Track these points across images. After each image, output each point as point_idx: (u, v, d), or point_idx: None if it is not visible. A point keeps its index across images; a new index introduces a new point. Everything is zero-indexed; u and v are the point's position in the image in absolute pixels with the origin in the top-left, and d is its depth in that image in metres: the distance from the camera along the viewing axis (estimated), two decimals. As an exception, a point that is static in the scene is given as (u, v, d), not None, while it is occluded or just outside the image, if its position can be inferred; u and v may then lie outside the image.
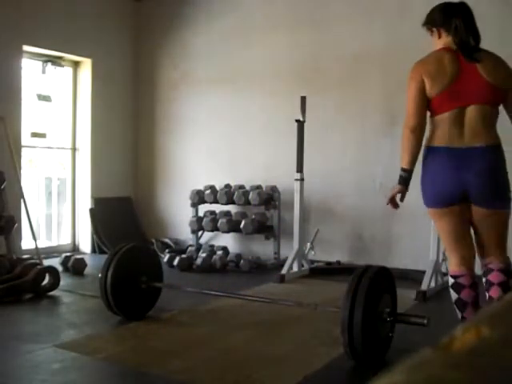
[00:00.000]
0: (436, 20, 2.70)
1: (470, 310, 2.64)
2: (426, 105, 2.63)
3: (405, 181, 2.77)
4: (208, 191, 5.52)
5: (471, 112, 2.58)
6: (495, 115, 2.66)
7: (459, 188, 2.59)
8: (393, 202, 2.82)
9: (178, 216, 6.16)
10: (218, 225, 5.40)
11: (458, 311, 2.69)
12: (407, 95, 2.67)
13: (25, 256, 4.49)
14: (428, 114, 2.68)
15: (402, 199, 2.83)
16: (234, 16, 5.88)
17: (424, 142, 2.69)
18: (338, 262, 5.29)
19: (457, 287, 2.68)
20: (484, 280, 2.68)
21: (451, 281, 2.71)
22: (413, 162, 2.73)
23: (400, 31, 5.07)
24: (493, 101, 2.60)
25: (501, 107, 2.70)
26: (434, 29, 2.71)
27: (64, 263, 4.93)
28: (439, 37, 2.70)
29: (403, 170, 2.74)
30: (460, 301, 2.67)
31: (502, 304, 0.49)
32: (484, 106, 2.58)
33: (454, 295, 2.70)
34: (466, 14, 2.66)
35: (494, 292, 2.60)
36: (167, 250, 5.67)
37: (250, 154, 5.79)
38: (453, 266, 2.74)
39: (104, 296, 3.27)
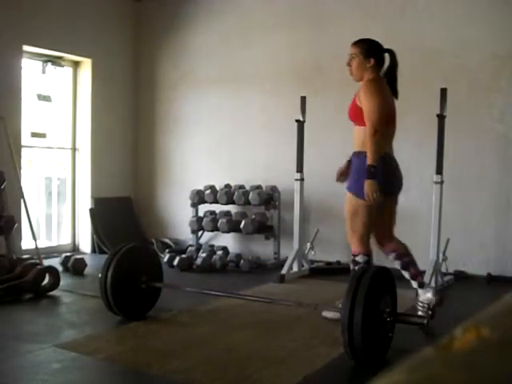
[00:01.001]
0: (373, 50, 3.27)
1: None
2: None
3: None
4: (208, 191, 5.52)
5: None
6: None
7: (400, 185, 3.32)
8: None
9: (178, 216, 6.16)
10: (218, 225, 5.40)
11: None
12: (376, 103, 3.09)
13: (25, 256, 4.49)
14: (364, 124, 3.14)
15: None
16: (234, 16, 5.88)
17: (358, 146, 3.20)
18: (338, 262, 5.29)
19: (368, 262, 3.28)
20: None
21: (365, 258, 3.27)
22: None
23: (400, 31, 5.07)
24: None
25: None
26: (371, 58, 3.24)
27: (64, 263, 4.93)
28: (369, 64, 3.23)
29: (371, 166, 3.05)
30: None
31: (502, 304, 0.49)
32: None
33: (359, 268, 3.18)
34: (393, 56, 3.35)
35: None
36: (167, 250, 5.67)
37: (250, 154, 5.79)
38: (369, 245, 3.32)
39: (104, 296, 3.27)
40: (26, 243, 5.22)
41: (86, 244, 6.08)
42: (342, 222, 5.44)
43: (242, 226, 5.27)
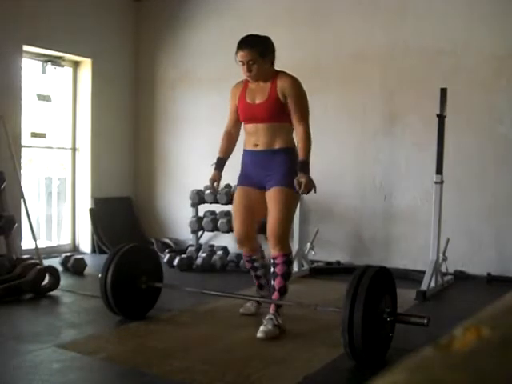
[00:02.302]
0: (267, 47, 3.12)
1: None
2: None
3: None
4: (208, 191, 5.52)
5: None
6: None
7: None
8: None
9: (178, 216, 6.16)
10: (218, 225, 5.40)
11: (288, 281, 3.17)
12: (306, 107, 3.12)
13: (25, 256, 4.49)
14: (289, 121, 3.13)
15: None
16: (233, 15, 5.87)
17: (286, 143, 3.16)
18: (338, 262, 5.29)
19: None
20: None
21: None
22: None
23: (400, 31, 5.07)
24: None
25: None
26: (269, 55, 3.11)
27: (64, 263, 4.93)
28: (270, 61, 3.12)
29: (307, 162, 3.06)
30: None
31: (502, 304, 0.49)
32: None
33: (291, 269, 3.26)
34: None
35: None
36: (167, 250, 5.67)
37: (250, 154, 5.78)
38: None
39: (104, 296, 3.27)
40: (26, 243, 5.21)
41: (86, 244, 6.08)
42: (341, 222, 5.47)
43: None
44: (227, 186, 5.58)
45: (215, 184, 3.35)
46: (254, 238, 3.32)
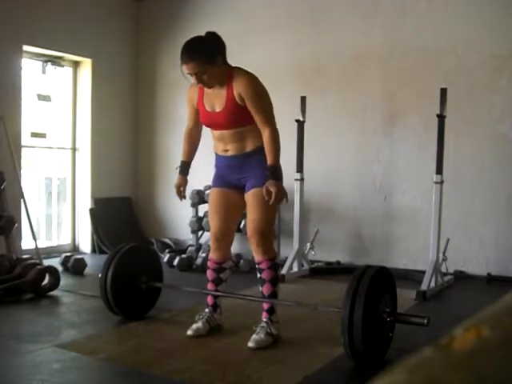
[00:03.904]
0: (212, 49, 2.85)
1: None
2: None
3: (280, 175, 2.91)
4: (208, 191, 5.51)
5: None
6: None
7: None
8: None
9: (178, 216, 6.16)
10: (218, 225, 5.40)
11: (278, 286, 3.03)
12: (268, 105, 2.90)
13: (25, 256, 4.49)
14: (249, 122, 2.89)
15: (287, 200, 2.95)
16: (233, 16, 5.87)
17: (257, 143, 2.92)
18: (338, 262, 5.29)
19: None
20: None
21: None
22: None
23: (400, 31, 5.07)
24: None
25: None
26: (216, 57, 2.84)
27: (64, 263, 4.93)
28: (219, 63, 2.85)
29: (277, 166, 2.86)
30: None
31: (502, 304, 0.48)
32: None
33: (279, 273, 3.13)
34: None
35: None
36: (167, 250, 5.67)
37: (250, 154, 5.78)
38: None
39: (104, 296, 3.27)
40: (26, 243, 5.22)
41: (86, 244, 6.08)
42: (341, 222, 5.47)
43: (241, 226, 5.26)
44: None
45: (181, 189, 3.17)
46: (231, 239, 3.13)
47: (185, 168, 3.21)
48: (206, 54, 2.76)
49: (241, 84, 2.82)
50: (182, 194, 3.19)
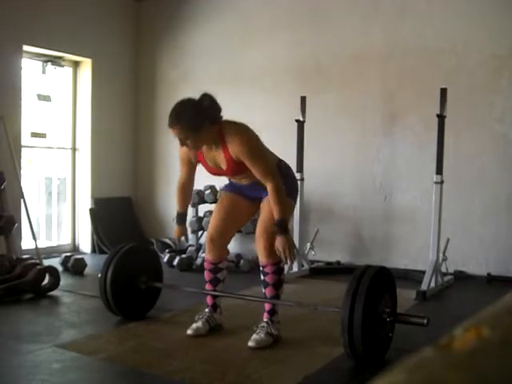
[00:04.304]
0: (197, 116, 2.76)
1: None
2: None
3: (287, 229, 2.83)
4: (208, 191, 5.52)
5: None
6: None
7: None
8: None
9: (178, 216, 6.15)
10: (218, 225, 5.40)
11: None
12: (264, 158, 2.81)
13: (25, 256, 4.49)
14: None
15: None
16: (233, 16, 5.88)
17: None
18: (338, 262, 5.29)
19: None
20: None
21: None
22: None
23: (400, 31, 5.07)
24: None
25: None
26: (203, 123, 2.76)
27: (64, 263, 4.93)
28: (207, 127, 2.77)
29: (285, 220, 2.79)
30: None
31: (502, 304, 0.48)
32: None
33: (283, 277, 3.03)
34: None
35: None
36: (167, 250, 5.67)
37: (250, 154, 5.78)
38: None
39: (104, 296, 3.27)
40: (26, 243, 5.22)
41: (86, 244, 6.08)
42: (341, 222, 5.47)
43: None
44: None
45: (182, 239, 3.22)
46: (227, 241, 3.14)
47: (182, 218, 3.21)
48: (190, 122, 2.71)
49: (234, 146, 2.77)
50: (184, 242, 3.30)
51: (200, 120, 2.73)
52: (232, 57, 5.92)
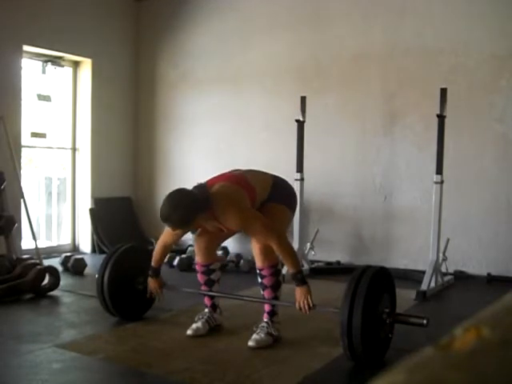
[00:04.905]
0: (189, 211, 2.70)
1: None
2: None
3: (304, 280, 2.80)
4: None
5: None
6: None
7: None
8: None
9: (178, 216, 6.15)
10: (218, 225, 5.40)
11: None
12: (254, 223, 2.74)
13: (25, 256, 4.49)
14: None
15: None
16: (233, 16, 5.88)
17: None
18: (338, 262, 5.29)
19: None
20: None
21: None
22: None
23: (400, 31, 5.07)
24: None
25: None
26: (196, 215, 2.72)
27: (64, 263, 4.93)
28: (198, 216, 2.73)
29: (300, 271, 2.78)
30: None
31: (502, 304, 0.48)
32: None
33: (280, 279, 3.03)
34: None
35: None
36: (167, 250, 5.66)
37: (250, 154, 5.78)
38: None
39: (101, 297, 3.26)
40: (26, 243, 5.22)
41: (86, 244, 6.08)
42: (341, 222, 5.47)
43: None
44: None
45: (159, 291, 3.19)
46: (215, 248, 3.24)
47: (157, 272, 3.20)
48: (181, 222, 2.72)
49: (228, 222, 2.76)
50: (161, 296, 3.23)
51: (192, 215, 2.70)
52: (232, 57, 5.92)
